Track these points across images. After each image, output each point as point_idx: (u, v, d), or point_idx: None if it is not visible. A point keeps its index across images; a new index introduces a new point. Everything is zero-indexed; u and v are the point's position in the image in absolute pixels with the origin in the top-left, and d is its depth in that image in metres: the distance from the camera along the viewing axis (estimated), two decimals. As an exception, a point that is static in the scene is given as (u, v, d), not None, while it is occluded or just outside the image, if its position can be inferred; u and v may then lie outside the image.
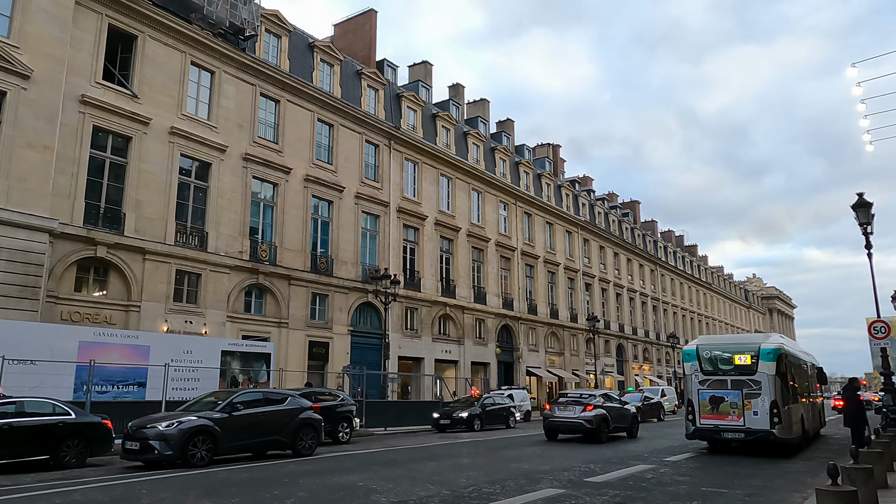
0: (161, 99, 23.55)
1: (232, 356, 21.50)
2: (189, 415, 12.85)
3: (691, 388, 15.69)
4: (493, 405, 26.07)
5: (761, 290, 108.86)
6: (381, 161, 33.31)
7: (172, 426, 12.20)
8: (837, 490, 5.74)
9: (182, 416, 12.77)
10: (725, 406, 15.18)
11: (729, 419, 15.07)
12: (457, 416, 23.91)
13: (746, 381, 14.98)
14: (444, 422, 24.00)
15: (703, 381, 15.58)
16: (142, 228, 22.32)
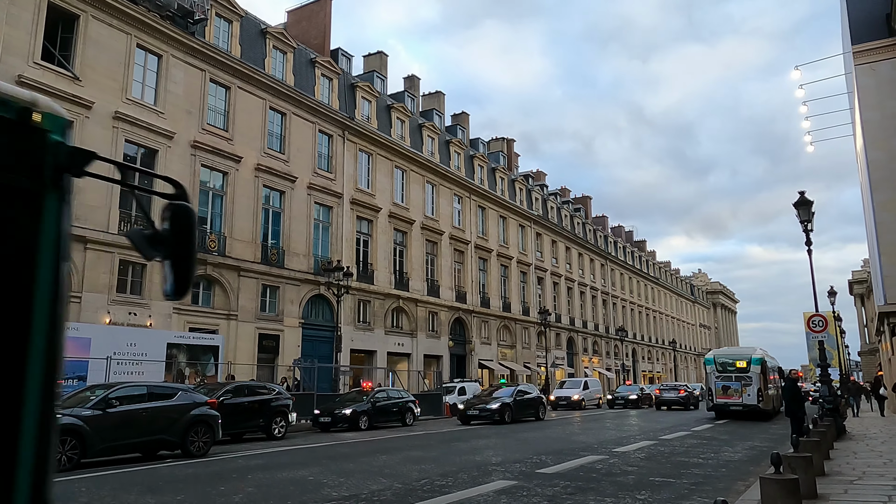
0: (105, 82, 22.64)
1: (178, 349, 20.95)
2: None
3: (711, 381, 26.28)
4: (387, 400, 23.09)
5: (706, 284, 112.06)
6: (335, 151, 32.87)
7: None
8: (780, 478, 5.91)
9: None
10: (731, 391, 25.73)
11: (733, 399, 25.50)
12: (339, 414, 20.89)
13: (743, 377, 25.49)
14: (325, 419, 20.96)
15: (718, 377, 26.04)
16: (83, 216, 21.44)
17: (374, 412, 21.76)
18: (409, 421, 23.42)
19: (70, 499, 8.32)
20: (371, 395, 22.49)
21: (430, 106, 45.28)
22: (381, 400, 22.66)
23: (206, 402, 14.15)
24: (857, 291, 79.33)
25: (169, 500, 8.24)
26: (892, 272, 24.62)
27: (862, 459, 11.39)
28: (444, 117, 46.45)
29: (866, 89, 26.18)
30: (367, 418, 21.23)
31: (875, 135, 25.73)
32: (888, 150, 25.23)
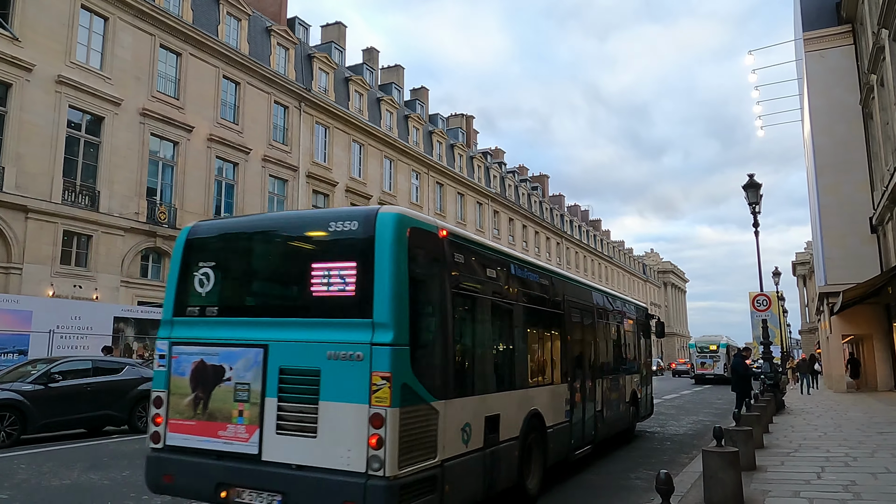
0: (46, 44, 21.57)
1: (126, 323, 20.40)
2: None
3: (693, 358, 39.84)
4: None
5: (658, 264, 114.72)
6: (291, 124, 32.20)
7: None
8: (721, 451, 6.10)
9: None
10: (707, 365, 40.46)
11: (708, 370, 39.86)
12: None
13: (714, 355, 40.14)
14: None
15: (698, 356, 40.90)
16: (24, 184, 20.55)
17: None
18: None
19: (8, 476, 8.06)
20: None
21: (388, 80, 44.69)
22: None
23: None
24: (799, 272, 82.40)
25: (114, 475, 8.06)
26: (833, 254, 25.61)
27: (799, 433, 11.89)
28: (403, 92, 45.93)
29: (815, 76, 26.92)
30: None
31: (822, 121, 26.54)
32: (833, 136, 26.08)
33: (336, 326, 4.93)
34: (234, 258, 5.89)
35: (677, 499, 5.85)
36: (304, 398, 4.85)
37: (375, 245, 4.91)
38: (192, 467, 5.23)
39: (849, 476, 7.39)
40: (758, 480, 7.18)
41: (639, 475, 8.33)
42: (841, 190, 25.48)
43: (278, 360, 5.04)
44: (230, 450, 5.07)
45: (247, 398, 5.08)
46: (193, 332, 5.57)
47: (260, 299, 5.79)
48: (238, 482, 5.00)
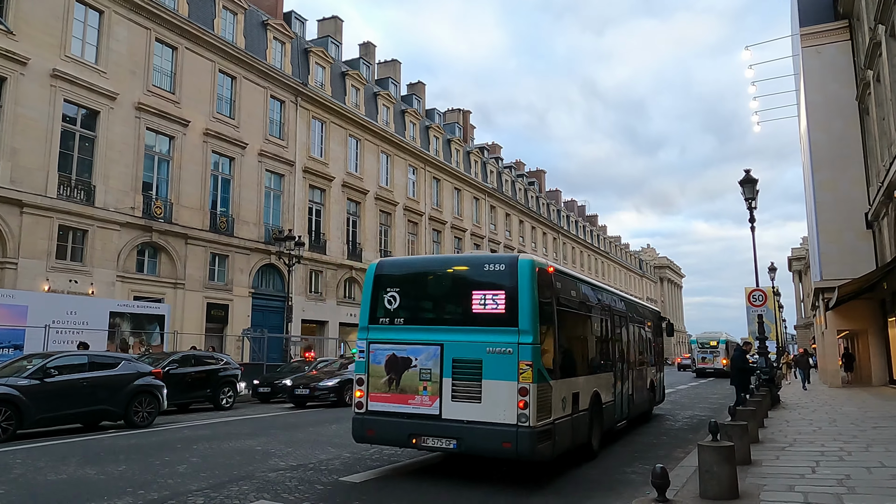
0: (41, 37, 21.46)
1: (122, 317, 20.36)
2: None
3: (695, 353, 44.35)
4: None
5: (654, 259, 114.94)
6: (287, 118, 32.12)
7: None
8: (717, 445, 6.12)
9: None
10: (707, 360, 43.77)
11: (709, 364, 42.90)
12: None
13: (714, 350, 43.59)
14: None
15: (699, 351, 44.34)
16: (19, 179, 20.46)
17: None
18: None
19: (4, 470, 8.04)
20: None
21: (385, 74, 44.58)
22: None
23: (150, 371, 13.75)
24: (795, 268, 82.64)
25: (110, 470, 8.06)
26: (828, 250, 25.67)
27: (794, 427, 11.94)
28: (400, 86, 45.84)
29: (812, 72, 26.93)
30: None
31: (818, 117, 26.56)
32: (830, 132, 26.10)
33: (492, 332, 7.47)
34: (413, 286, 8.46)
35: (673, 493, 5.86)
36: (471, 378, 7.41)
37: (518, 281, 7.52)
38: (389, 424, 7.81)
39: (843, 470, 7.43)
40: (753, 474, 7.20)
41: (635, 469, 8.36)
42: (837, 186, 25.53)
43: (451, 354, 7.60)
44: (418, 412, 7.63)
45: (429, 378, 7.67)
46: (385, 335, 8.13)
47: (435, 314, 8.19)
48: (424, 433, 7.57)
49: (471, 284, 7.92)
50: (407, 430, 7.63)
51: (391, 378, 7.89)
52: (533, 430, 7.00)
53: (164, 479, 7.51)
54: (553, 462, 7.99)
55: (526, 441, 6.98)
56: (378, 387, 7.96)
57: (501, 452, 7.22)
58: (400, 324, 8.11)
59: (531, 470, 8.10)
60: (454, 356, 7.54)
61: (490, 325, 7.52)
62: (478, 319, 7.63)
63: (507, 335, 7.34)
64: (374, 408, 7.95)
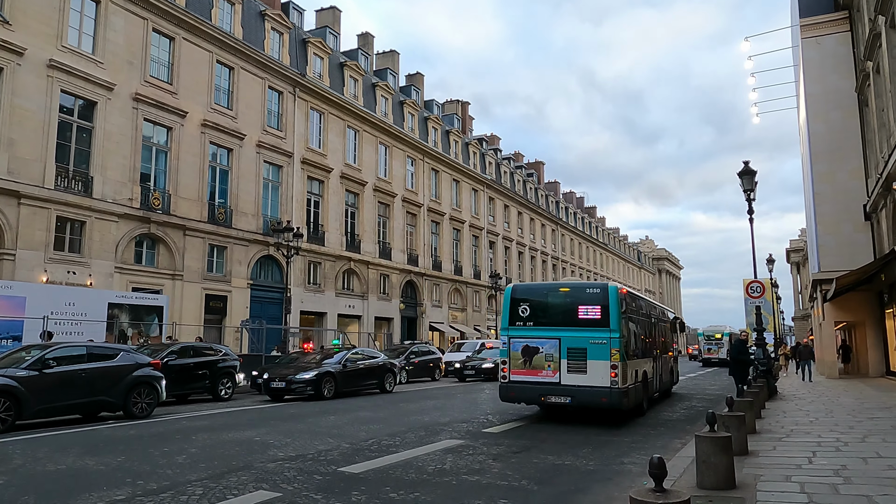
0: (38, 27, 21.35)
1: (120, 309, 20.35)
2: None
3: (702, 346, 51.45)
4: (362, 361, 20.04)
5: (652, 251, 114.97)
6: (286, 109, 32.01)
7: None
8: (714, 436, 6.15)
9: None
10: (713, 351, 49.81)
11: (714, 355, 48.90)
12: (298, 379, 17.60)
13: (719, 342, 49.44)
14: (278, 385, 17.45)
15: (705, 342, 51.56)
16: (16, 170, 20.41)
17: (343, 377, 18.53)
18: (390, 387, 20.27)
19: (4, 461, 8.06)
20: (343, 357, 19.18)
21: (384, 65, 44.40)
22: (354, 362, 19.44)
23: (149, 362, 13.75)
24: (793, 259, 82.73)
25: (109, 460, 8.08)
26: (826, 241, 25.70)
27: (791, 418, 11.99)
28: (399, 77, 45.67)
29: (811, 63, 26.86)
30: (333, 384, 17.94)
31: (817, 108, 26.51)
32: (829, 123, 26.07)
33: (592, 330, 11.68)
34: (538, 301, 12.81)
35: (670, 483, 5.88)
36: (580, 359, 11.66)
37: (609, 298, 11.84)
38: (525, 388, 12.13)
39: (840, 461, 7.46)
40: (750, 465, 7.24)
41: (632, 460, 8.39)
42: (835, 177, 25.51)
43: (566, 344, 11.82)
44: (545, 381, 11.90)
45: (552, 359, 11.89)
46: (520, 332, 12.44)
47: (554, 319, 12.32)
48: (549, 394, 11.83)
49: (578, 301, 12.19)
50: (538, 392, 12.04)
51: (525, 360, 12.19)
52: (620, 389, 11.40)
53: (163, 469, 7.53)
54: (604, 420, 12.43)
55: (616, 396, 11.41)
56: (516, 365, 12.31)
57: (599, 405, 11.63)
58: (530, 326, 12.47)
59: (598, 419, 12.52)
60: (568, 346, 11.84)
61: (591, 326, 11.81)
62: (582, 322, 11.93)
63: (602, 332, 11.65)
64: (514, 379, 12.31)
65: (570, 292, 12.70)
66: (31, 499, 6.08)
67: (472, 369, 27.04)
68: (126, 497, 6.16)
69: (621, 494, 6.25)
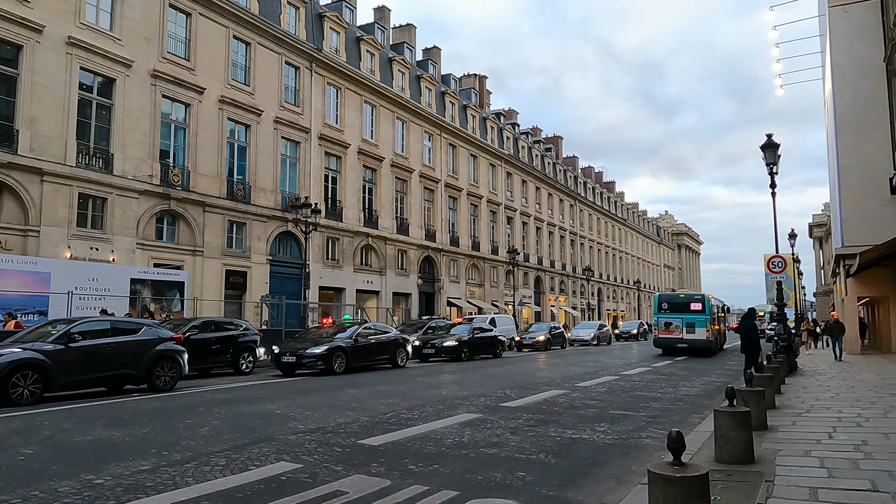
0: (55, 4, 21.40)
1: (143, 284, 20.65)
2: (12, 347, 11.39)
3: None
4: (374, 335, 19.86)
5: (672, 226, 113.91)
6: (302, 85, 31.93)
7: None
8: (733, 411, 6.13)
9: (3, 348, 11.32)
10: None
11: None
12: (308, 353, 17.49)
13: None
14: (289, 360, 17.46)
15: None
16: (38, 147, 20.64)
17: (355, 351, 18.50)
18: (402, 361, 20.32)
19: (33, 432, 8.28)
20: (354, 331, 19.08)
21: (400, 39, 44.01)
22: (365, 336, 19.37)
23: (171, 337, 13.95)
24: (816, 234, 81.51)
25: (135, 432, 8.26)
26: (851, 216, 25.25)
27: (811, 394, 11.91)
28: (416, 51, 45.27)
29: (838, 32, 26.16)
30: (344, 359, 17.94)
31: (844, 78, 25.88)
32: (855, 94, 25.45)
33: (697, 314, 27.40)
34: (669, 300, 29.08)
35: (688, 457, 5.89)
36: (692, 327, 27.24)
37: (705, 300, 28.01)
38: (665, 340, 27.90)
39: (860, 436, 7.42)
40: (769, 440, 7.22)
41: (650, 434, 8.41)
42: (861, 150, 24.97)
43: (686, 321, 27.43)
44: (675, 337, 27.57)
45: (679, 328, 27.52)
46: (663, 315, 28.22)
47: (678, 309, 27.82)
48: (677, 343, 27.38)
49: (690, 300, 28.19)
50: (672, 342, 27.28)
51: (665, 327, 27.71)
52: (710, 340, 27.11)
53: (186, 440, 7.68)
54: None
55: (709, 343, 27.07)
56: (661, 330, 27.93)
57: (701, 347, 26.79)
58: (666, 311, 27.96)
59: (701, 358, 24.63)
60: (686, 321, 27.12)
61: (697, 313, 27.17)
62: (692, 311, 27.24)
63: (702, 315, 27.13)
64: (660, 336, 27.91)
65: (685, 297, 29.23)
66: (60, 468, 6.24)
67: (432, 348, 23.28)
68: (151, 467, 6.30)
69: (639, 468, 6.27)
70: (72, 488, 5.50)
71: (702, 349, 26.38)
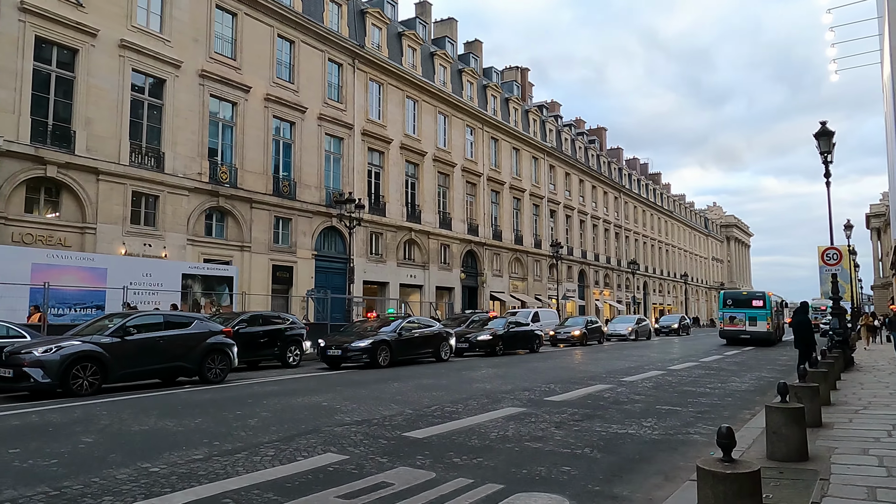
0: (108, 9, 22.11)
1: (193, 279, 21.24)
2: (73, 339, 11.76)
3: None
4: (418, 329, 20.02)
5: (720, 218, 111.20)
6: (345, 81, 32.25)
7: (51, 351, 11.13)
8: (786, 407, 5.96)
9: (64, 340, 11.69)
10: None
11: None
12: None
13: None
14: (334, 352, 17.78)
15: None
16: (94, 147, 21.39)
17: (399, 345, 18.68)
18: (445, 355, 20.36)
19: (93, 421, 8.62)
20: (398, 325, 19.32)
21: (441, 33, 44.02)
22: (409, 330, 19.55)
23: (221, 330, 14.32)
24: (873, 225, 78.46)
25: (188, 422, 8.51)
26: (911, 205, 24.21)
27: (868, 390, 11.50)
28: (457, 45, 45.21)
29: (898, 14, 25.00)
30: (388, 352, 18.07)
31: (904, 62, 24.75)
32: (916, 78, 24.34)
33: (759, 309, 31.39)
34: (733, 297, 33.13)
35: (738, 453, 5.76)
36: (754, 320, 31.23)
37: (766, 297, 31.97)
38: (730, 332, 31.57)
39: (922, 434, 7.13)
40: (824, 437, 7.00)
41: (698, 430, 8.25)
42: (923, 136, 23.91)
43: (748, 315, 31.37)
44: (739, 330, 31.34)
45: (742, 321, 31.44)
46: (727, 311, 32.03)
47: (741, 304, 31.95)
48: (741, 334, 31.13)
49: (752, 297, 32.30)
50: (736, 335, 30.90)
51: (730, 321, 31.59)
52: (770, 332, 31.01)
53: (237, 431, 7.88)
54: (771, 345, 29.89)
55: (769, 335, 30.88)
56: (726, 323, 31.75)
57: (763, 338, 30.54)
58: (730, 307, 31.78)
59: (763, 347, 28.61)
60: (749, 315, 31.14)
61: (758, 308, 31.24)
62: (754, 306, 31.33)
63: (763, 310, 31.19)
64: (725, 329, 31.78)
65: (748, 294, 33.34)
66: (119, 456, 6.48)
67: (466, 342, 22.82)
68: (204, 456, 6.48)
69: (687, 464, 6.16)
70: (129, 476, 5.71)
71: (763, 340, 30.95)
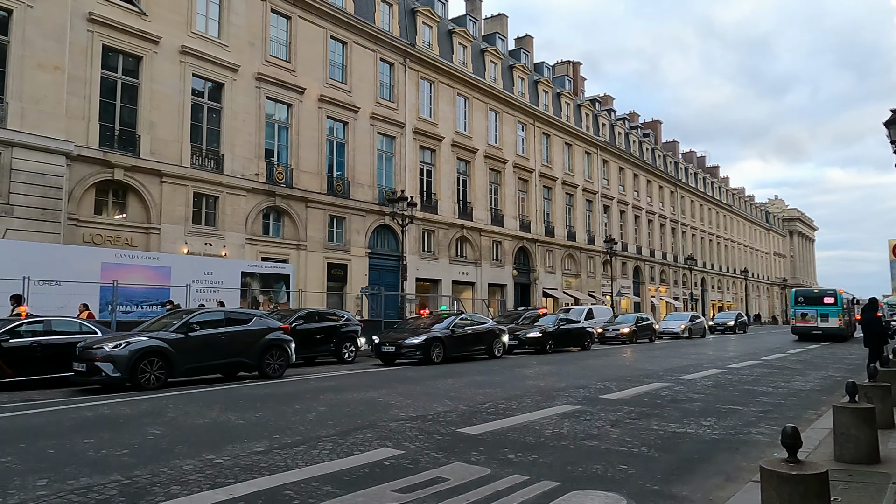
0: (169, 16, 22.90)
1: (252, 277, 21.83)
2: (140, 335, 12.28)
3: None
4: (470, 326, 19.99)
5: (783, 211, 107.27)
6: (397, 80, 32.52)
7: (120, 347, 11.60)
8: (856, 407, 5.74)
9: (132, 336, 12.19)
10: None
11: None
12: None
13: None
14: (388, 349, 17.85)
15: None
16: (157, 151, 22.22)
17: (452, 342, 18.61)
18: (498, 352, 20.32)
19: (160, 414, 8.98)
20: (451, 322, 19.33)
21: (492, 30, 43.85)
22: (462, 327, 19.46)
23: (279, 327, 14.69)
24: (950, 217, 74.26)
25: (248, 416, 8.77)
26: None
27: (945, 391, 10.91)
28: (508, 41, 44.96)
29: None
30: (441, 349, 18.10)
31: (983, 44, 23.36)
32: None
33: (830, 307, 32.63)
34: (805, 295, 34.82)
35: (804, 455, 5.57)
36: (825, 317, 32.45)
37: (837, 294, 33.09)
38: (802, 328, 32.98)
39: None
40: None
41: (760, 430, 8.01)
42: None
43: (819, 312, 32.66)
44: (811, 326, 32.65)
45: (814, 318, 32.75)
46: (800, 308, 33.59)
47: (813, 302, 33.40)
48: (812, 330, 32.43)
49: (823, 294, 33.48)
50: (808, 331, 32.18)
51: (801, 317, 33.02)
52: (842, 328, 32.37)
53: (295, 425, 8.08)
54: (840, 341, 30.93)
55: (841, 331, 32.21)
56: (798, 320, 33.32)
57: (838, 337, 31.89)
58: (802, 304, 33.43)
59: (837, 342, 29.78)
60: (820, 312, 32.40)
61: (830, 305, 32.41)
62: (825, 304, 32.51)
63: (834, 307, 32.35)
64: (797, 325, 33.22)
65: (819, 291, 34.69)
66: (184, 448, 6.73)
67: (516, 339, 22.33)
68: (264, 449, 6.68)
69: (749, 465, 6.00)
70: (195, 466, 5.93)
71: (835, 335, 32.09)
